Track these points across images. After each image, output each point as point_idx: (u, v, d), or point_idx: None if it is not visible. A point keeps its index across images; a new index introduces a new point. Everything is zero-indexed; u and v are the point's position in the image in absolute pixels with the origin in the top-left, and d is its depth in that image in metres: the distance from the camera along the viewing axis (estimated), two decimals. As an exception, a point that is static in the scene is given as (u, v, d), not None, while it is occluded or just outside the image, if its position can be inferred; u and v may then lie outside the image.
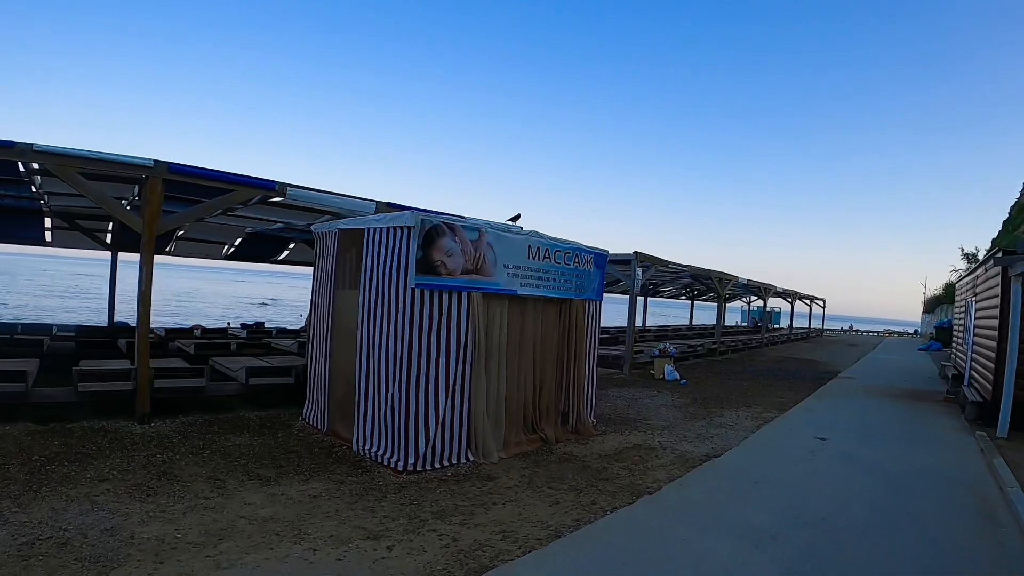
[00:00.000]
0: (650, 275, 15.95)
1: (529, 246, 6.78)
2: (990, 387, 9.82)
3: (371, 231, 6.23)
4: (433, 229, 5.71)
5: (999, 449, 7.77)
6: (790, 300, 31.93)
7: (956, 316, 17.85)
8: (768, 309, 46.30)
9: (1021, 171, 46.02)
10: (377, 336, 5.98)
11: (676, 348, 17.71)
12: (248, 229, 12.01)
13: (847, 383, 14.76)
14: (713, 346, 20.45)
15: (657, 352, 14.87)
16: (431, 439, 5.81)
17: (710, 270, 19.34)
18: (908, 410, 11.03)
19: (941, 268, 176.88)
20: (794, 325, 35.92)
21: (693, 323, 34.90)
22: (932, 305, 40.67)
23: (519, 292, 6.69)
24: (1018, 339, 8.78)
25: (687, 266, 17.46)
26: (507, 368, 6.65)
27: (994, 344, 9.81)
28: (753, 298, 33.56)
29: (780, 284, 28.22)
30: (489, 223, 6.53)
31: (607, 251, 8.41)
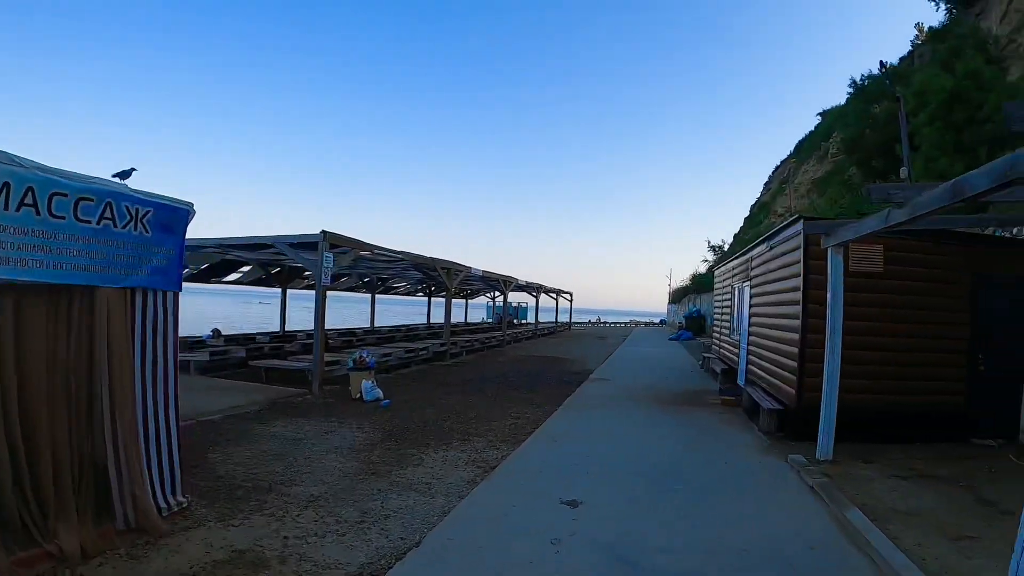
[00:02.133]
0: (349, 262, 12.91)
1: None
2: (792, 390, 8.30)
3: None
4: None
5: (835, 485, 5.93)
6: (535, 294, 31.69)
7: (718, 304, 17.73)
8: (516, 304, 48.17)
9: (765, 172, 55.68)
10: None
11: (392, 354, 14.80)
12: None
13: (602, 387, 13.03)
14: (442, 348, 17.77)
15: (351, 363, 11.28)
16: None
17: (434, 259, 16.69)
18: (686, 424, 9.15)
19: (686, 261, 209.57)
20: (541, 320, 36.14)
21: (432, 322, 32.66)
22: (679, 295, 45.03)
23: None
24: (842, 327, 7.06)
25: (401, 252, 14.61)
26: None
27: (794, 336, 8.32)
28: (499, 293, 32.81)
29: (524, 277, 27.30)
30: None
31: (188, 205, 4.98)
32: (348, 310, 49.63)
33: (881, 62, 10.59)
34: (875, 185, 5.55)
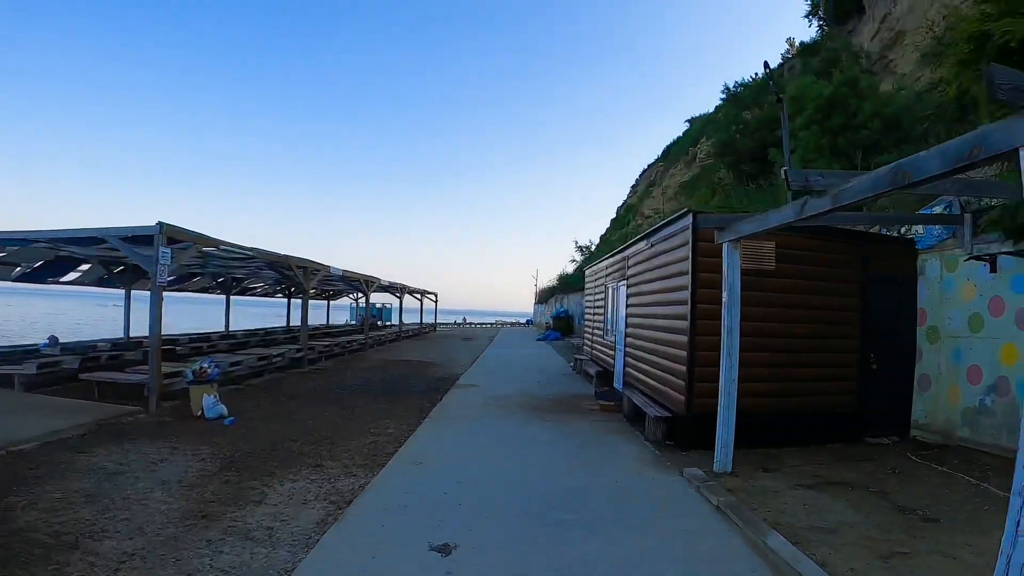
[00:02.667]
0: (191, 258, 11.40)
1: None
2: (681, 397, 7.82)
3: None
4: None
5: (744, 504, 5.40)
6: (399, 295, 30.74)
7: (589, 304, 17.40)
8: (381, 305, 46.67)
9: (632, 175, 58.73)
10: None
11: (243, 362, 13.18)
12: None
13: (471, 395, 12.06)
14: (298, 354, 15.98)
15: (191, 375, 9.48)
16: None
17: (289, 256, 15.07)
18: (567, 437, 8.39)
19: (553, 261, 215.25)
20: (405, 321, 35.06)
21: (292, 324, 30.23)
22: (545, 295, 45.39)
23: None
24: (739, 327, 6.53)
25: (251, 249, 13.13)
26: None
27: (683, 339, 7.87)
28: (362, 294, 31.37)
29: (388, 278, 26.12)
30: None
31: None
32: (204, 313, 45.51)
33: (765, 63, 10.46)
34: (795, 171, 4.94)
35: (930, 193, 7.23)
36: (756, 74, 20.87)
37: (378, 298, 38.07)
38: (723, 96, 22.22)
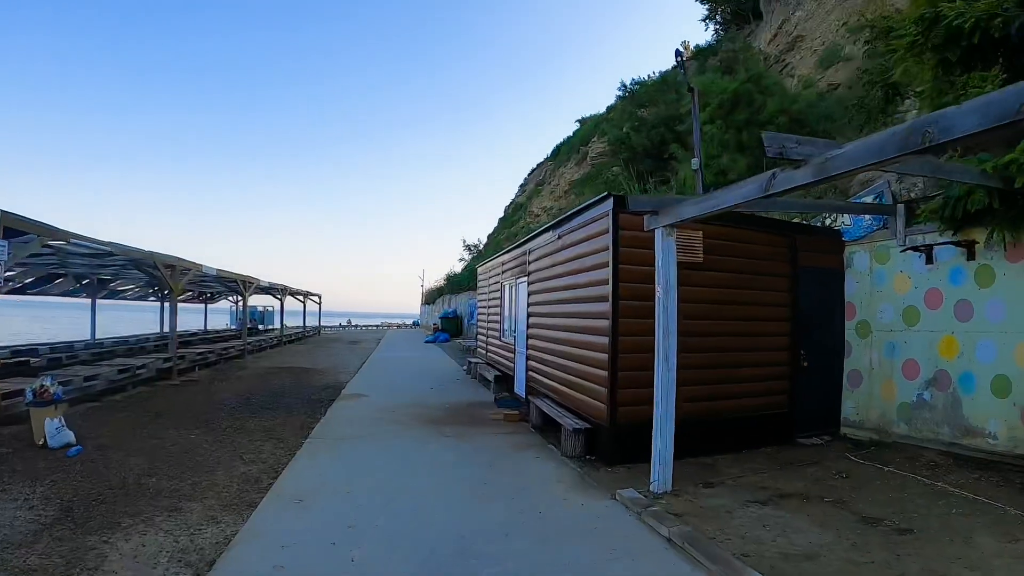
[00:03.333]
0: (36, 255, 10.89)
1: None
2: (603, 405, 6.91)
3: None
4: None
5: (699, 532, 4.52)
6: (280, 296, 28.30)
7: (483, 304, 16.33)
8: (263, 308, 43.38)
9: (521, 174, 59.26)
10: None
11: (101, 375, 11.09)
12: None
13: (360, 407, 10.58)
14: (167, 364, 13.66)
15: (31, 395, 7.51)
16: None
17: (154, 253, 12.96)
18: (473, 456, 7.23)
19: (441, 260, 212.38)
20: (289, 325, 32.60)
21: (167, 331, 26.98)
22: (433, 296, 43.94)
23: None
24: (677, 322, 5.69)
25: (109, 244, 11.28)
26: None
27: (603, 340, 6.98)
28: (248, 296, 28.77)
29: (267, 278, 23.80)
30: None
31: None
32: (72, 319, 40.02)
33: (677, 51, 10.03)
34: (771, 134, 4.11)
35: (908, 173, 6.86)
36: (653, 72, 20.98)
37: (259, 300, 35.35)
38: (620, 93, 22.15)
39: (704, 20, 25.21)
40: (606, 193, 7.03)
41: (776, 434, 7.68)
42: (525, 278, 10.82)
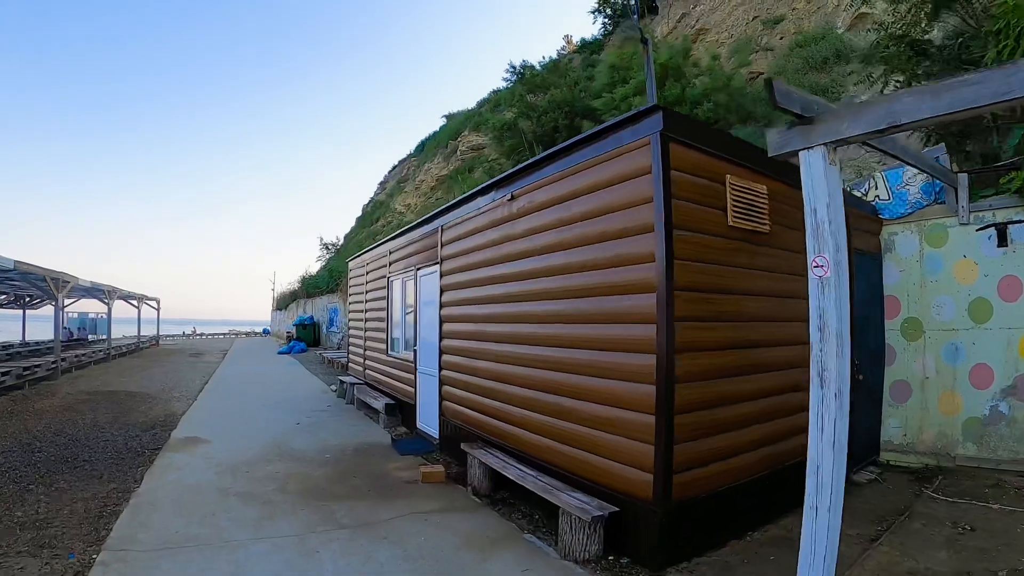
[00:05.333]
0: None
1: None
2: (644, 473, 3.65)
3: None
4: None
5: None
6: (107, 300, 21.55)
7: (358, 308, 12.37)
8: (96, 315, 34.96)
9: (381, 171, 55.05)
10: None
11: None
12: None
13: (196, 465, 6.37)
14: None
15: None
16: None
17: None
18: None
19: (294, 263, 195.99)
20: (124, 334, 26.64)
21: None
22: (286, 301, 37.90)
23: None
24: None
25: None
26: None
27: (643, 361, 3.70)
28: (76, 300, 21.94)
29: (89, 278, 17.69)
30: None
31: None
32: None
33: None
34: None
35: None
36: (544, 56, 18.33)
37: (86, 306, 28.47)
38: (508, 77, 19.24)
39: (593, 12, 23.33)
40: (650, 105, 3.78)
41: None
42: (435, 267, 7.27)
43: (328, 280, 25.80)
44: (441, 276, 7.02)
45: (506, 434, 5.24)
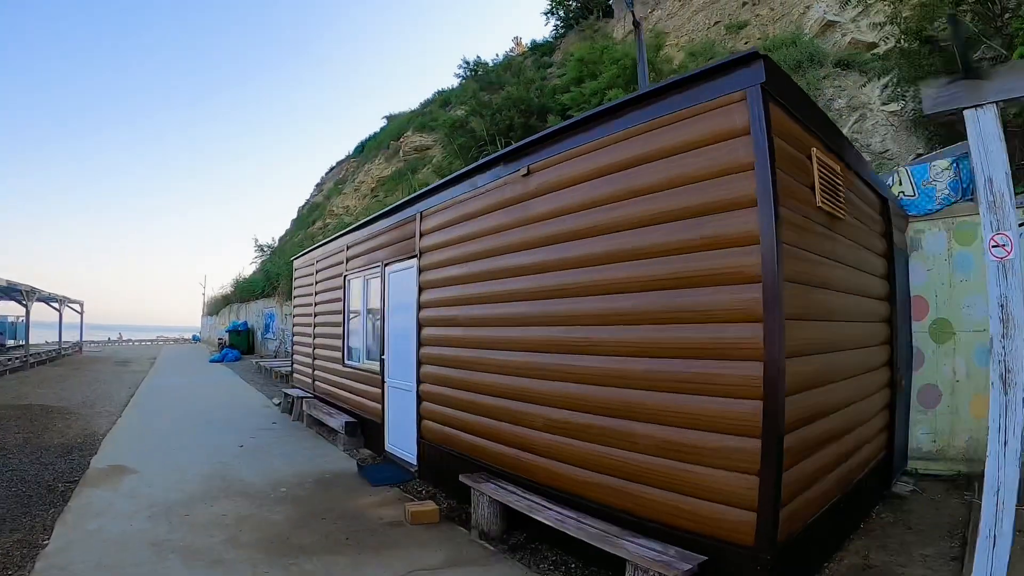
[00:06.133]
0: None
1: None
2: (743, 512, 2.82)
3: None
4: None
5: None
6: (25, 302, 18.67)
7: (304, 312, 11.00)
8: (15, 319, 30.93)
9: (317, 173, 52.50)
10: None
11: None
12: None
13: (121, 506, 4.93)
14: None
15: None
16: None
17: None
18: None
19: (227, 266, 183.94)
20: (43, 340, 23.55)
21: None
22: (217, 306, 34.91)
23: None
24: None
25: None
26: None
27: (740, 371, 2.76)
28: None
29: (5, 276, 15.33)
30: None
31: None
32: None
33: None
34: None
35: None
36: (497, 54, 17.51)
37: (7, 309, 25.29)
38: (460, 73, 18.23)
39: (546, 14, 22.70)
40: (750, 51, 2.85)
41: (876, 488, 4.50)
42: (411, 261, 6.14)
43: (264, 283, 23.73)
44: (420, 272, 5.91)
45: (525, 464, 4.16)
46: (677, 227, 3.08)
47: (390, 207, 7.22)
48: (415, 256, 6.05)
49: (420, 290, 5.89)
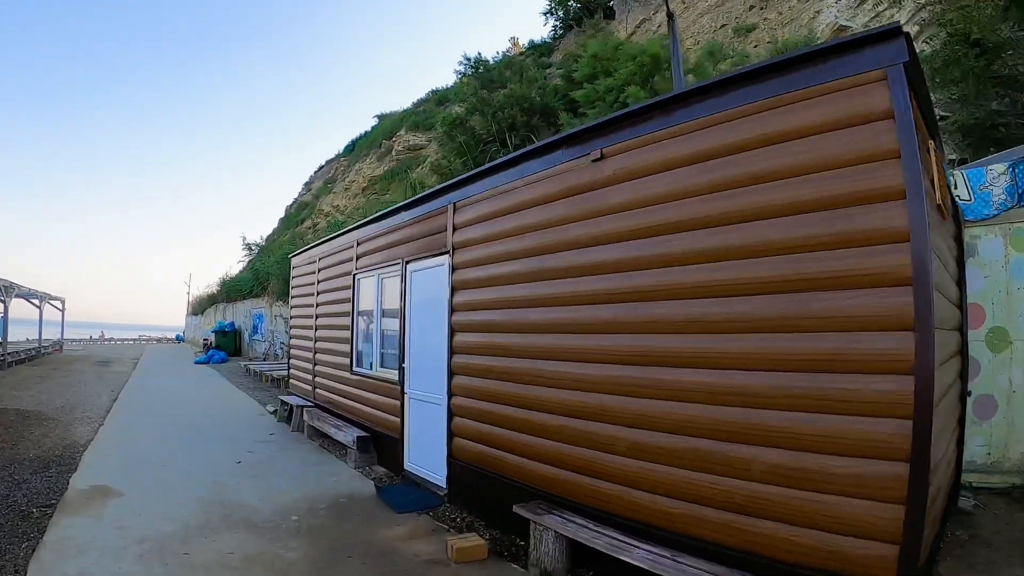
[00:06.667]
0: None
1: None
2: None
3: None
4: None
5: None
6: (2, 298, 17.78)
7: (302, 315, 10.48)
8: None
9: (306, 172, 51.66)
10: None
11: None
12: None
13: (104, 540, 4.27)
14: None
15: None
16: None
17: None
18: None
19: (213, 266, 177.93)
20: (23, 337, 22.73)
21: None
22: (203, 305, 33.79)
23: None
24: None
25: None
26: None
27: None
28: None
29: None
30: None
31: None
32: None
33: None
34: None
35: None
36: (498, 51, 17.14)
37: None
38: (462, 69, 17.78)
39: (545, 14, 22.39)
40: (892, 25, 2.47)
41: (947, 506, 4.13)
42: (441, 258, 5.67)
43: (252, 283, 22.94)
44: (452, 270, 5.44)
45: (598, 493, 3.67)
46: (805, 220, 2.70)
47: (413, 198, 6.74)
48: (446, 252, 5.59)
49: (453, 291, 5.43)
